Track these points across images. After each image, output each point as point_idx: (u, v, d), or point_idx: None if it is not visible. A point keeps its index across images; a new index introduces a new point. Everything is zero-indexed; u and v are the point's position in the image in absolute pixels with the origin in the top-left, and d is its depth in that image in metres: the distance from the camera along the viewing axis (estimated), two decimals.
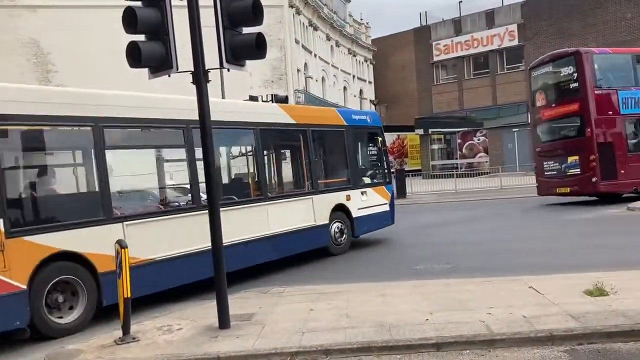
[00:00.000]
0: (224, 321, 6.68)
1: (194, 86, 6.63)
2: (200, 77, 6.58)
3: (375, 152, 14.24)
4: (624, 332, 5.52)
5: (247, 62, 7.03)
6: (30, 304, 6.92)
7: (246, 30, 6.87)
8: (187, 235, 8.80)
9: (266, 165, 11.51)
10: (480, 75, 46.65)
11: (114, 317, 7.21)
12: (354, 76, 56.20)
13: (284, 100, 18.22)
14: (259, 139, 10.84)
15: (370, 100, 55.65)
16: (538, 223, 15.51)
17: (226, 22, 6.62)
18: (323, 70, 48.75)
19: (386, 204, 14.07)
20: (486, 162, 41.74)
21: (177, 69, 6.59)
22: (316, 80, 46.42)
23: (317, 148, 12.45)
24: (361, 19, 59.58)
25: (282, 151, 12.58)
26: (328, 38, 49.43)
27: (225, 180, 11.28)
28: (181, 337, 6.51)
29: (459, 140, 43.86)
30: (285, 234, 10.82)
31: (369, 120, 14.22)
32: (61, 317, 7.38)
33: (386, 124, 58.76)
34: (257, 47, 6.66)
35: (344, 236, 12.48)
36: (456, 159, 43.82)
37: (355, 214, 12.76)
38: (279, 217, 10.70)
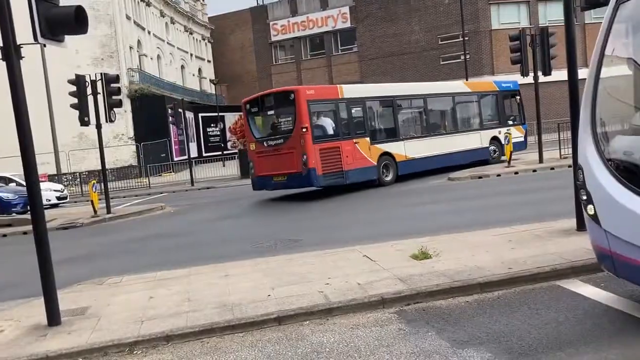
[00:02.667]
0: (53, 318, 6.21)
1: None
2: (10, 52, 5.93)
3: (515, 105, 22.90)
4: (444, 290, 6.11)
5: (71, 38, 6.46)
6: (377, 171, 17.77)
7: (64, 2, 6.32)
8: (425, 147, 19.42)
9: (461, 114, 21.52)
10: (316, 55, 48.04)
11: None
12: (191, 55, 54.68)
13: (114, 79, 17.24)
14: (456, 100, 20.98)
15: (210, 80, 54.58)
16: (376, 196, 16.50)
17: None
18: (158, 48, 46.75)
19: (521, 136, 22.65)
20: None
21: None
22: (151, 59, 44.41)
23: (482, 104, 22.03)
24: None
25: (466, 107, 21.93)
26: (162, 14, 47.42)
27: (447, 122, 21.29)
28: (3, 339, 5.92)
29: None
30: (471, 149, 20.92)
31: (511, 86, 22.63)
32: (385, 178, 18.08)
33: (227, 104, 58.29)
34: (77, 21, 6.14)
35: (496, 154, 21.74)
36: None
37: (503, 142, 20.62)
38: (467, 141, 20.84)
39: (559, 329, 4.93)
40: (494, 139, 21.73)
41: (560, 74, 17.66)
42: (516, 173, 18.11)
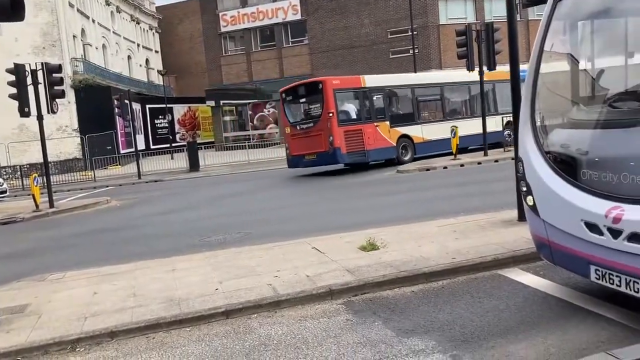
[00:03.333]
0: None
1: None
2: None
3: None
4: (390, 281, 6.20)
5: (8, 25, 6.18)
6: (396, 151, 20.57)
7: None
8: (442, 130, 20.69)
9: (476, 100, 22.55)
10: (267, 47, 47.67)
11: None
12: (138, 45, 53.40)
13: (57, 69, 16.63)
14: (471, 88, 22.17)
15: (158, 71, 53.44)
16: (327, 187, 16.58)
17: None
18: (104, 37, 45.44)
19: None
20: (277, 132, 42.98)
21: None
22: (96, 48, 43.14)
23: (497, 91, 22.97)
24: None
25: (480, 94, 21.54)
26: (107, 3, 46.07)
27: (463, 108, 23.60)
28: None
29: (250, 112, 44.15)
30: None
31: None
32: (404, 157, 20.59)
33: (177, 96, 57.26)
34: (13, 8, 5.88)
35: (511, 137, 20.69)
36: (248, 130, 44.31)
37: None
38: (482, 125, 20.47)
39: (500, 316, 5.09)
40: (509, 124, 22.72)
41: (505, 69, 18.18)
42: (462, 165, 18.56)
